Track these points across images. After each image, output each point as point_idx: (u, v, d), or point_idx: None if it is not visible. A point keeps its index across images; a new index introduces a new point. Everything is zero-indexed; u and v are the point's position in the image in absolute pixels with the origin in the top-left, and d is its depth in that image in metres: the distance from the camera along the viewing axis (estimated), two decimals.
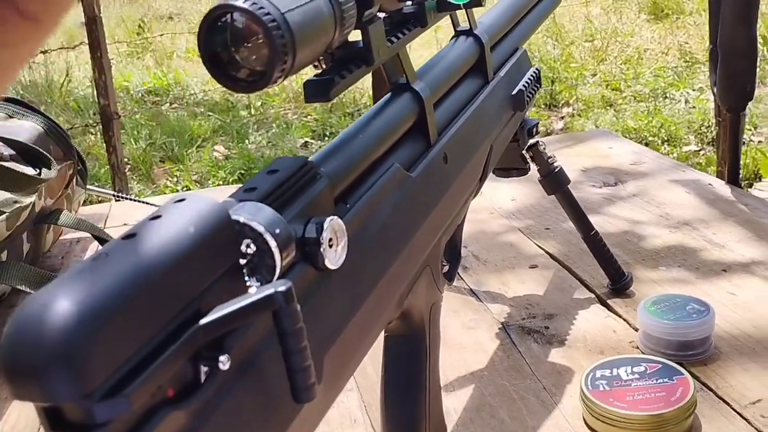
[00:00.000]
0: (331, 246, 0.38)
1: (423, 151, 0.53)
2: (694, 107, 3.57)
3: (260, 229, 0.32)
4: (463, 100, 0.63)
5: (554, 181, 0.81)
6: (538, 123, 0.80)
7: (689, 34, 4.54)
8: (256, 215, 0.33)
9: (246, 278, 0.33)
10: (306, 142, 3.50)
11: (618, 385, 0.62)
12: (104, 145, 2.28)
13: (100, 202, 1.93)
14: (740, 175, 1.11)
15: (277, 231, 0.33)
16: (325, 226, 0.37)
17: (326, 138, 3.52)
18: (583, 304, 0.82)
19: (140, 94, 4.41)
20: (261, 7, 0.34)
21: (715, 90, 1.09)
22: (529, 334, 0.78)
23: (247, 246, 0.33)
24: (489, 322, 0.81)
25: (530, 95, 0.75)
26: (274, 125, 3.67)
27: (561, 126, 3.57)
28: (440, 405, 0.59)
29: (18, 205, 0.89)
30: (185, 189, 3.04)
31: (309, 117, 3.76)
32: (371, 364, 0.74)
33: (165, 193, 3.02)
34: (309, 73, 0.44)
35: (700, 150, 3.26)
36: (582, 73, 4.10)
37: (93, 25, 1.94)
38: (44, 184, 0.94)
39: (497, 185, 1.18)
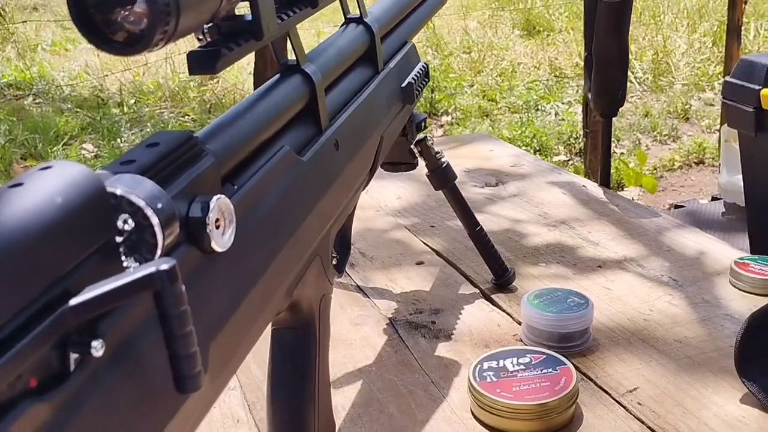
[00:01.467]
0: (218, 227, 0.35)
1: (314, 136, 0.52)
2: (563, 119, 3.75)
3: (140, 203, 0.29)
4: (354, 88, 0.62)
5: (442, 177, 0.82)
6: (425, 118, 0.80)
7: (559, 51, 4.77)
8: (135, 188, 0.30)
9: (123, 258, 0.30)
10: None
11: (505, 377, 0.63)
12: None
13: None
14: (610, 177, 1.16)
15: (159, 206, 0.30)
16: (212, 205, 0.34)
17: None
18: (468, 299, 0.83)
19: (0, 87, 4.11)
20: None
21: (589, 96, 1.14)
22: (416, 329, 0.77)
23: (125, 222, 0.30)
24: (376, 318, 0.80)
25: (419, 89, 0.75)
26: (149, 124, 3.52)
27: (441, 133, 3.65)
28: (329, 401, 0.57)
29: None
30: None
31: (186, 117, 3.64)
32: (255, 362, 0.71)
33: None
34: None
35: (568, 160, 3.43)
36: (460, 83, 4.22)
37: None
38: None
39: (384, 184, 1.18)
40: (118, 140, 3.33)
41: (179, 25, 0.33)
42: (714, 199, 2.02)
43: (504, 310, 0.80)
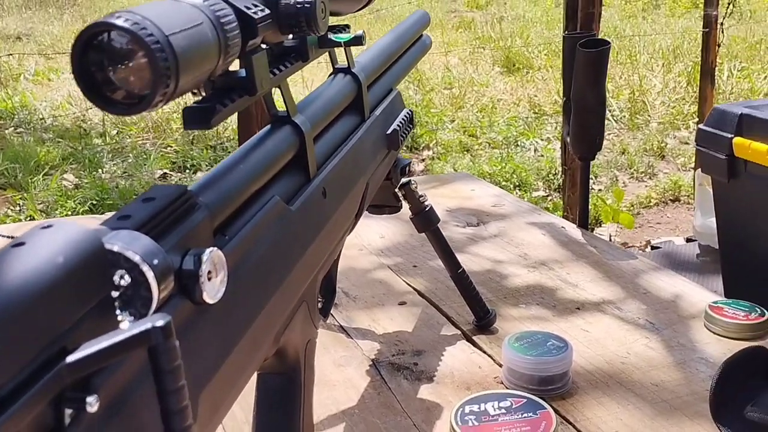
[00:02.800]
0: (209, 279, 0.36)
1: (302, 185, 0.53)
2: (542, 156, 3.80)
3: (136, 259, 0.31)
4: (341, 136, 0.63)
5: (425, 220, 0.83)
6: (410, 163, 0.82)
7: (538, 88, 4.86)
8: (132, 244, 0.31)
9: (118, 312, 0.31)
10: (165, 173, 3.38)
11: (486, 420, 0.64)
12: None
13: None
14: (588, 219, 1.19)
15: (155, 262, 0.31)
16: (204, 258, 0.35)
17: (187, 170, 3.42)
18: (450, 341, 0.84)
19: None
20: (143, 28, 0.33)
21: (567, 139, 1.17)
22: (398, 370, 0.78)
23: (121, 277, 0.31)
24: (359, 359, 0.81)
25: (404, 135, 0.76)
26: (130, 155, 3.52)
27: (422, 168, 3.68)
28: None
29: None
30: (29, 218, 2.84)
31: (169, 148, 3.64)
32: (238, 404, 0.71)
33: (5, 223, 2.80)
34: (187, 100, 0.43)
35: (547, 195, 3.47)
36: (441, 118, 4.27)
37: None
38: None
39: (367, 222, 1.19)
40: (100, 171, 3.32)
41: (179, 86, 0.35)
42: (689, 240, 2.06)
43: (485, 352, 0.82)
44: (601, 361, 0.79)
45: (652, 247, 2.02)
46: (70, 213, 2.89)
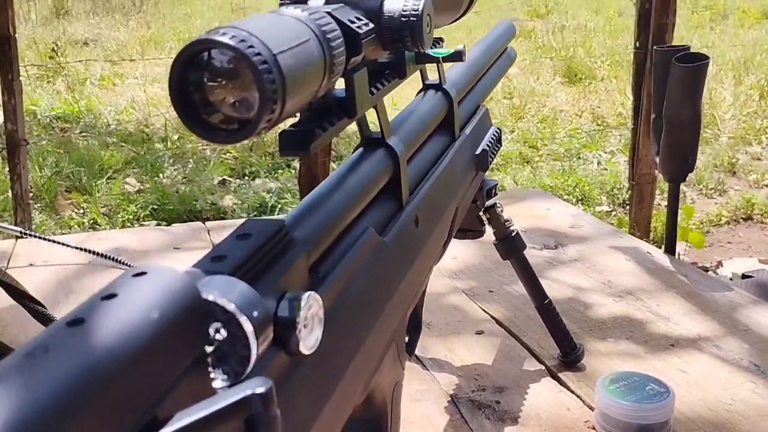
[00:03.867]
0: (305, 326, 0.32)
1: (395, 213, 0.48)
2: (606, 169, 3.70)
3: (234, 310, 0.26)
4: (433, 157, 0.59)
5: (511, 246, 0.78)
6: (496, 184, 0.77)
7: (600, 99, 4.74)
8: (228, 293, 0.27)
9: (210, 369, 0.27)
10: (224, 179, 3.40)
11: None
12: (8, 172, 2.12)
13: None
14: (676, 246, 1.11)
15: (255, 314, 0.27)
16: (303, 303, 0.31)
17: (245, 177, 3.43)
18: (533, 377, 0.78)
19: (48, 120, 4.20)
20: (251, 46, 0.29)
21: (656, 159, 1.09)
22: (479, 408, 0.73)
23: (216, 331, 0.26)
24: (437, 394, 0.75)
25: (493, 155, 0.71)
26: (191, 160, 3.55)
27: None
28: None
29: None
30: (92, 222, 2.87)
31: (228, 154, 3.66)
32: None
33: (69, 225, 2.84)
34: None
35: (611, 211, 3.37)
36: (501, 129, 4.19)
37: (6, 44, 1.80)
38: None
39: None
40: (161, 175, 3.35)
41: (285, 109, 0.31)
42: None
43: (573, 392, 0.76)
44: (704, 408, 0.72)
45: (743, 276, 1.90)
46: (131, 217, 2.92)
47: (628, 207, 2.97)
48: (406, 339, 0.58)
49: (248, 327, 0.27)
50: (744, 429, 0.69)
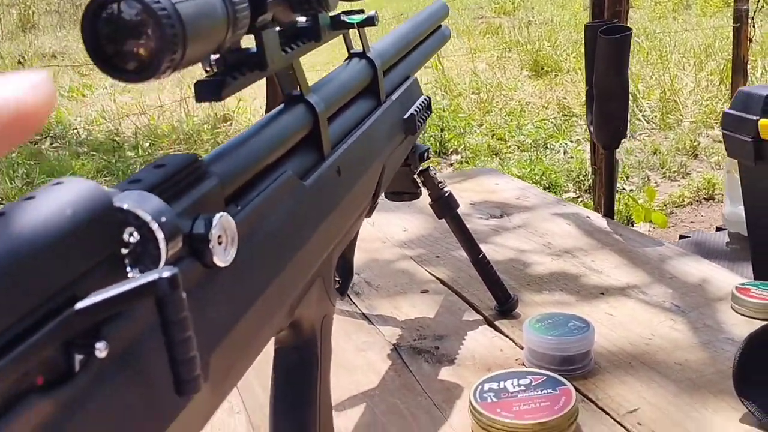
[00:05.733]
0: (220, 243, 0.37)
1: (316, 163, 0.54)
2: (572, 157, 3.78)
3: (146, 217, 0.31)
4: (357, 118, 0.64)
5: (444, 205, 0.84)
6: (429, 149, 0.82)
7: (567, 90, 4.83)
8: (142, 203, 0.32)
9: (128, 269, 0.32)
10: None
11: (505, 397, 0.64)
12: None
13: None
14: (614, 209, 1.17)
15: (164, 219, 0.32)
16: (215, 222, 0.36)
17: None
18: (471, 326, 0.84)
19: None
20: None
21: (591, 129, 1.16)
22: (419, 354, 0.78)
23: (130, 234, 0.32)
24: (381, 344, 0.81)
25: (421, 120, 0.77)
26: None
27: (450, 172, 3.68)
28: (331, 421, 0.58)
29: None
30: None
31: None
32: (259, 385, 0.72)
33: None
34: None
35: (578, 197, 3.44)
36: (469, 122, 4.27)
37: None
38: None
39: (389, 216, 1.20)
40: None
41: (186, 55, 0.36)
42: (719, 229, 2.02)
43: (507, 336, 0.82)
44: (625, 343, 0.79)
45: (681, 237, 1.98)
46: None
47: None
48: (339, 282, 0.64)
49: (158, 230, 0.32)
50: (660, 358, 0.75)
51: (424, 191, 0.84)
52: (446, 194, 0.84)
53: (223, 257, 0.37)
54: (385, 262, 1.03)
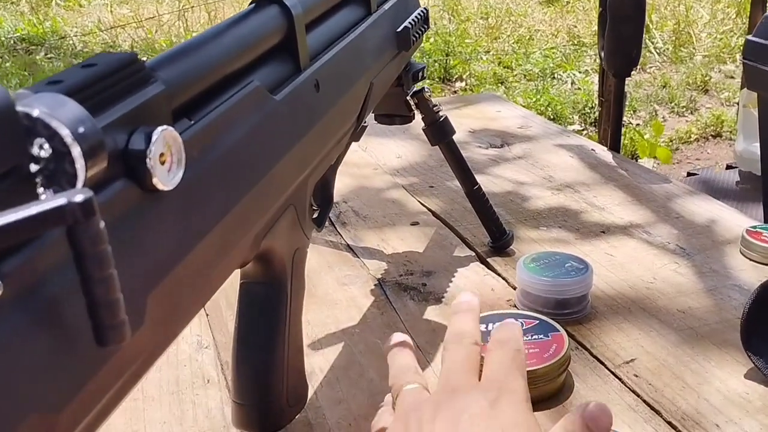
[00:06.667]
0: (162, 162, 0.31)
1: (290, 75, 0.47)
2: (579, 89, 3.67)
3: (56, 124, 0.25)
4: (341, 28, 0.57)
5: (439, 131, 0.77)
6: (424, 67, 0.75)
7: (578, 18, 4.67)
8: (55, 109, 0.26)
9: (40, 189, 0.26)
10: None
11: None
12: None
13: None
14: (621, 142, 1.11)
15: (81, 130, 0.26)
16: (155, 137, 0.30)
17: None
18: (462, 262, 0.79)
19: (12, 41, 4.08)
20: None
21: (602, 55, 1.08)
22: (405, 290, 0.73)
23: (40, 147, 0.26)
24: (364, 278, 0.76)
25: (417, 34, 0.70)
26: None
27: None
28: (301, 362, 0.54)
29: None
30: None
31: None
32: (232, 320, 0.68)
33: None
34: None
35: (583, 129, 3.36)
36: (476, 49, 4.13)
37: None
38: None
39: (384, 141, 1.13)
40: None
41: None
42: (729, 167, 1.95)
43: (499, 274, 0.76)
44: (624, 286, 0.73)
45: (689, 174, 1.92)
46: None
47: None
48: (317, 212, 0.58)
49: (71, 142, 0.26)
50: (661, 304, 0.70)
51: (418, 115, 0.78)
52: (441, 119, 0.77)
53: (166, 179, 0.31)
54: (375, 191, 0.97)
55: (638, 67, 3.82)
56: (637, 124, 3.34)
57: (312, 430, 0.54)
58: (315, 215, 0.57)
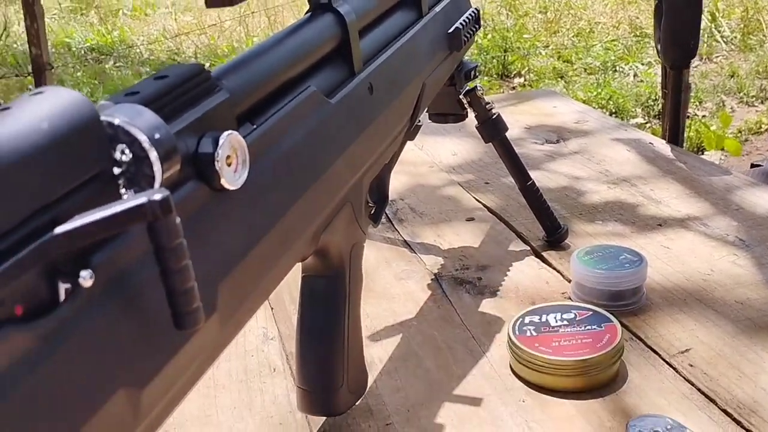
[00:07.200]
0: (229, 164, 0.34)
1: (345, 79, 0.50)
2: (642, 81, 3.60)
3: (135, 132, 0.29)
4: (394, 32, 0.59)
5: (492, 128, 0.79)
6: (477, 66, 0.77)
7: (640, 9, 4.56)
8: (134, 118, 0.29)
9: (123, 190, 0.29)
10: None
11: (546, 331, 0.60)
12: None
13: None
14: (683, 134, 1.10)
15: (157, 136, 0.29)
16: (222, 141, 0.33)
17: None
18: (517, 256, 0.80)
19: (82, 51, 4.26)
20: None
21: (658, 47, 1.07)
22: (461, 284, 0.75)
23: (122, 152, 0.29)
24: (421, 273, 0.78)
25: (468, 35, 0.72)
26: None
27: None
28: (361, 352, 0.56)
29: None
30: None
31: None
32: (295, 313, 0.71)
33: None
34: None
35: (646, 123, 3.29)
36: (534, 44, 4.09)
37: None
38: None
39: (439, 140, 1.15)
40: None
41: None
42: None
43: (554, 268, 0.78)
44: (681, 278, 0.74)
45: (752, 165, 1.86)
46: None
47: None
48: (373, 209, 0.61)
49: (149, 147, 0.29)
50: (717, 296, 0.70)
51: (472, 113, 0.79)
52: (494, 116, 0.79)
53: (232, 180, 0.34)
54: (431, 188, 1.00)
55: (704, 57, 3.72)
56: (704, 116, 3.25)
57: (372, 415, 0.57)
58: (371, 212, 0.60)
